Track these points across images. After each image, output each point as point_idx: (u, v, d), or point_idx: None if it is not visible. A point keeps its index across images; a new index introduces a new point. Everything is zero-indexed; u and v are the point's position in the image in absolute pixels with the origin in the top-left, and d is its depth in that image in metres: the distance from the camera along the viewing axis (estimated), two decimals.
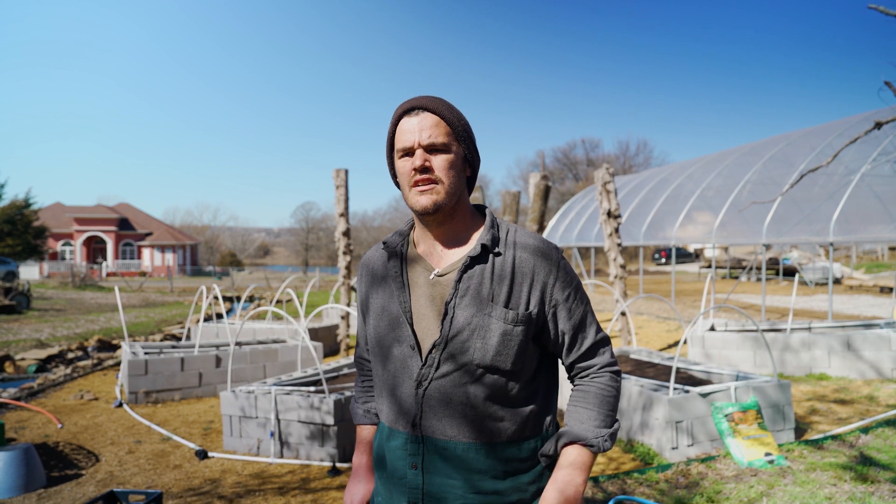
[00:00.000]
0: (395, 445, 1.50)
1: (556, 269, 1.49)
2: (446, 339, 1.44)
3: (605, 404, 1.50)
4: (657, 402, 5.04)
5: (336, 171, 10.68)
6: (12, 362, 9.99)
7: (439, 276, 1.49)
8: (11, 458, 4.47)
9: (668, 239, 16.60)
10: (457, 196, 1.48)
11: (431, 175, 1.45)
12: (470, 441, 1.44)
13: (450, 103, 1.51)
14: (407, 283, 1.51)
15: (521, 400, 1.48)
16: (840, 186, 12.51)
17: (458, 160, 1.49)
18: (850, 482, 4.28)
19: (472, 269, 1.47)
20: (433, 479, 1.45)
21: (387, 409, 1.54)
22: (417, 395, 1.45)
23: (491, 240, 1.49)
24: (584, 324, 1.53)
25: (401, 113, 1.49)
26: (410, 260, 1.54)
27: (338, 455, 5.01)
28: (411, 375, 1.47)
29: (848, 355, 8.03)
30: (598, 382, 1.52)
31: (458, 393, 1.44)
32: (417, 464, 1.46)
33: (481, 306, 1.44)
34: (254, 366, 7.76)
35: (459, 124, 1.49)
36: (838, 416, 6.18)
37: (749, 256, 30.64)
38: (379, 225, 64.82)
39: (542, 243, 1.51)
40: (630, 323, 8.91)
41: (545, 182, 9.80)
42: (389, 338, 1.51)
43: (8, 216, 39.15)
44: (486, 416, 1.44)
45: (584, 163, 55.88)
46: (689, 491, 4.23)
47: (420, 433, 1.46)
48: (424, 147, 1.45)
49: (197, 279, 43.78)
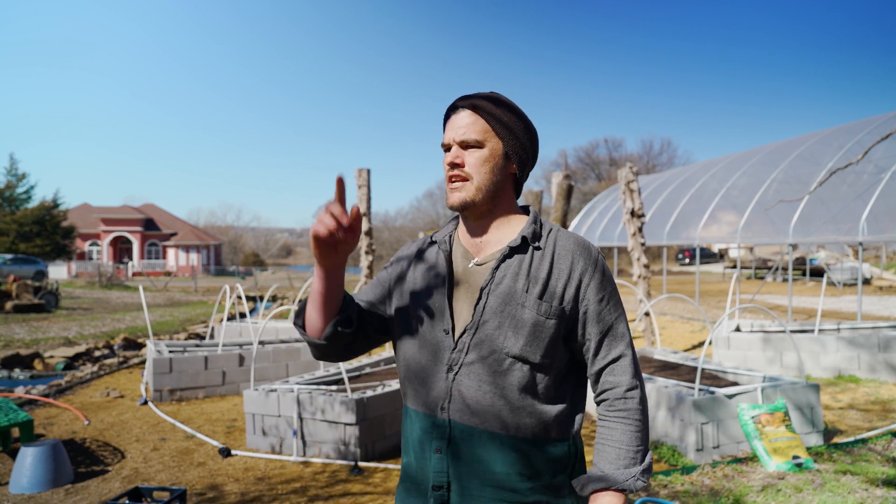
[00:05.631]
0: (422, 427, 1.50)
1: (592, 270, 1.48)
2: (477, 325, 1.45)
3: (636, 438, 1.44)
4: (682, 403, 4.97)
5: (358, 170, 10.73)
6: (41, 360, 10.17)
7: (478, 265, 1.51)
8: (40, 453, 4.54)
9: (692, 239, 16.41)
10: (491, 192, 1.49)
11: (461, 171, 1.47)
12: (495, 431, 1.44)
13: (498, 98, 1.51)
14: (449, 271, 1.53)
15: (548, 398, 1.47)
16: (870, 185, 12.24)
17: (496, 156, 1.49)
18: (882, 487, 4.18)
19: (510, 259, 1.48)
20: (458, 465, 1.45)
21: (415, 391, 1.53)
22: (448, 380, 1.46)
23: (532, 234, 1.50)
24: (613, 332, 1.49)
25: (447, 111, 1.53)
26: (454, 251, 1.57)
27: (360, 454, 5.02)
28: (442, 360, 1.47)
29: (879, 357, 7.86)
30: (627, 414, 1.46)
31: (487, 381, 1.44)
32: (442, 448, 1.46)
33: (515, 295, 1.44)
34: (276, 364, 7.81)
35: (502, 120, 1.49)
36: (869, 420, 6.05)
37: (775, 256, 30.19)
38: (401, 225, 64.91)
39: (583, 242, 1.51)
40: (654, 323, 8.81)
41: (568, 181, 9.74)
42: (425, 322, 1.51)
43: (37, 217, 40.00)
44: (511, 407, 1.44)
45: (606, 162, 55.52)
46: (715, 494, 4.16)
47: (448, 416, 1.45)
48: (458, 143, 1.48)
49: (220, 279, 44.26)
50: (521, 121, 1.52)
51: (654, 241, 17.84)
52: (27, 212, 40.23)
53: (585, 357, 1.52)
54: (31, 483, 4.48)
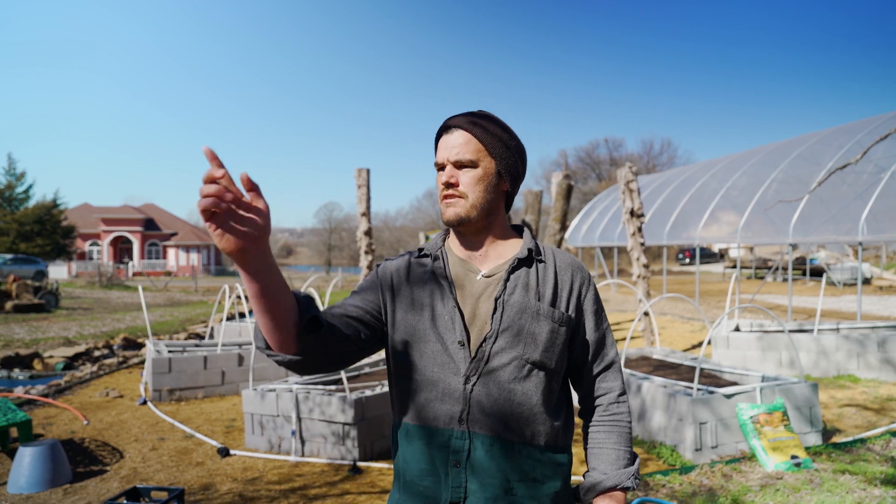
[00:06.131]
0: (434, 443, 1.46)
1: (588, 283, 1.59)
2: (497, 333, 1.46)
3: (628, 441, 1.56)
4: (681, 402, 4.97)
5: (358, 170, 10.73)
6: (41, 360, 10.18)
7: (486, 277, 1.54)
8: (39, 453, 4.54)
9: (691, 239, 16.41)
10: (485, 210, 1.52)
11: (456, 190, 1.50)
12: (513, 440, 1.46)
13: (490, 118, 1.55)
14: (452, 284, 1.53)
15: (557, 406, 1.53)
16: (870, 185, 12.25)
17: (489, 175, 1.52)
18: (880, 487, 4.18)
19: (518, 270, 1.53)
20: (476, 478, 1.44)
21: (423, 406, 1.49)
22: (465, 391, 1.45)
23: (535, 247, 1.57)
24: (605, 341, 1.60)
25: (439, 131, 1.57)
26: (453, 263, 1.58)
27: (358, 454, 5.02)
28: (458, 371, 1.46)
29: (878, 357, 7.86)
30: (620, 418, 1.57)
31: (506, 388, 1.45)
32: (461, 461, 1.44)
33: (529, 305, 1.49)
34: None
35: (494, 141, 1.52)
36: (867, 420, 6.05)
37: (775, 256, 30.18)
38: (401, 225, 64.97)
39: (575, 260, 1.62)
40: (653, 323, 8.81)
41: (567, 181, 9.75)
42: (432, 335, 1.49)
43: (37, 216, 40.03)
44: (528, 414, 1.46)
45: (606, 162, 55.52)
46: (713, 494, 4.16)
47: (467, 428, 1.44)
48: (453, 163, 1.51)
49: (220, 279, 44.29)
50: (513, 140, 1.55)
51: (654, 241, 17.84)
52: (27, 211, 40.28)
53: (583, 359, 1.59)
54: (29, 483, 4.48)
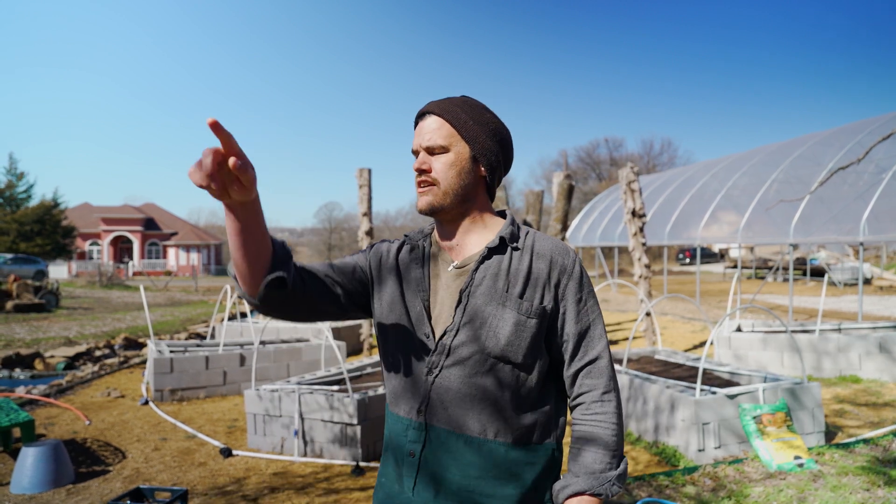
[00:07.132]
0: (399, 430, 1.50)
1: (570, 270, 1.49)
2: (458, 327, 1.44)
3: (613, 443, 1.44)
4: (683, 403, 4.97)
5: (359, 170, 10.72)
6: (42, 360, 10.17)
7: (458, 268, 1.51)
8: (41, 453, 4.54)
9: (692, 239, 16.40)
10: (459, 197, 1.48)
11: (427, 177, 1.48)
12: (472, 435, 1.43)
13: (466, 102, 1.51)
14: (427, 275, 1.53)
15: (530, 400, 1.47)
16: (871, 185, 12.24)
17: (462, 160, 1.48)
18: (883, 487, 4.18)
19: (489, 260, 1.48)
20: (430, 469, 1.44)
21: (396, 395, 1.53)
22: (427, 383, 1.45)
23: (510, 234, 1.50)
24: (591, 333, 1.49)
25: (415, 118, 1.54)
26: (432, 254, 1.56)
27: (361, 454, 5.02)
28: (422, 363, 1.47)
29: (880, 357, 7.86)
30: (602, 418, 1.45)
31: (468, 383, 1.43)
32: (416, 452, 1.45)
33: (495, 296, 1.44)
34: (277, 364, 7.81)
35: (467, 124, 1.48)
36: (870, 420, 6.05)
37: (775, 256, 30.17)
38: (401, 224, 64.91)
39: (559, 245, 1.52)
40: (655, 323, 8.81)
41: (568, 181, 9.74)
42: (405, 326, 1.51)
43: (37, 216, 40.02)
44: (493, 409, 1.43)
45: (607, 162, 55.51)
46: (716, 494, 4.16)
47: (424, 420, 1.45)
48: (425, 149, 1.49)
49: (221, 278, 44.27)
50: (490, 124, 1.51)
51: (655, 241, 17.84)
52: (27, 211, 40.26)
53: (563, 356, 1.51)
54: (32, 483, 4.48)
